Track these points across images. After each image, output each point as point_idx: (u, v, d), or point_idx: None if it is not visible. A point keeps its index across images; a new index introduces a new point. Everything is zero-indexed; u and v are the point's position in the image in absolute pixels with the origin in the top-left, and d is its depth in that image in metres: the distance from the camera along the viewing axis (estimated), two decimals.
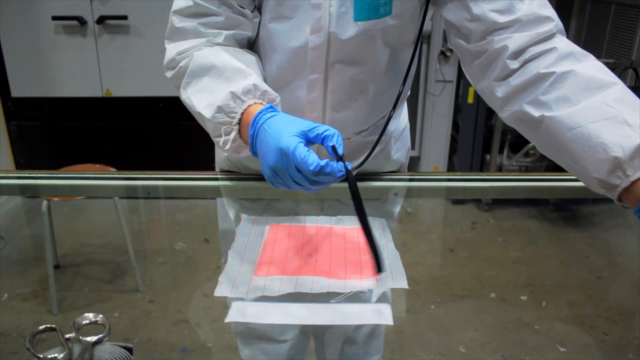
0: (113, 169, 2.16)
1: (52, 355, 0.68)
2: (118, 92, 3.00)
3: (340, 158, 0.72)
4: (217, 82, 0.84)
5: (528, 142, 3.09)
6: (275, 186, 0.76)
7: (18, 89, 2.98)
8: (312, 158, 0.69)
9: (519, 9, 0.81)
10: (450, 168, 3.26)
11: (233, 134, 0.81)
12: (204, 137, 0.92)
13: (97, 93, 3.00)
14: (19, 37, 2.88)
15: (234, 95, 0.80)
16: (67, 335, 0.71)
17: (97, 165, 2.37)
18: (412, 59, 0.96)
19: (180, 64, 0.89)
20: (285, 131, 0.72)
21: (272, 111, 0.77)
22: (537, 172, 2.91)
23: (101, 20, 2.84)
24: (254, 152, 0.78)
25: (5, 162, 3.07)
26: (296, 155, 0.69)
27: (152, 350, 2.01)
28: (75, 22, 2.85)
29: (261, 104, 0.80)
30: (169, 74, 0.92)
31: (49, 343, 0.72)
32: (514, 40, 0.80)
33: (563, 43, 0.80)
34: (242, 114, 0.80)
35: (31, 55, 2.92)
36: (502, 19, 0.81)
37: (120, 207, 2.22)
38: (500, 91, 0.83)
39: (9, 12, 2.83)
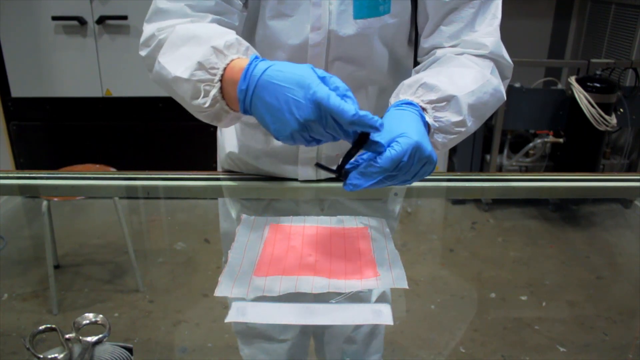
0: (113, 169, 2.16)
1: (52, 356, 0.68)
2: (118, 92, 3.00)
3: (338, 168, 0.71)
4: (197, 46, 0.76)
5: (528, 142, 3.09)
6: (294, 142, 0.69)
7: (18, 89, 2.98)
8: (348, 106, 0.64)
9: (465, 36, 0.90)
10: (450, 168, 3.25)
11: (214, 91, 0.73)
12: (204, 137, 0.92)
13: (97, 93, 3.00)
14: (19, 37, 2.88)
15: (215, 50, 0.73)
16: (67, 335, 0.71)
17: (97, 165, 2.37)
18: (415, 57, 0.97)
19: (160, 38, 0.82)
20: (306, 79, 0.65)
21: (262, 61, 0.70)
22: (537, 172, 2.92)
23: (101, 20, 2.84)
24: (247, 110, 0.71)
25: (5, 162, 3.07)
26: (332, 104, 0.63)
27: (152, 350, 2.01)
28: (75, 22, 2.85)
29: (244, 58, 0.73)
30: (144, 51, 0.85)
31: (49, 343, 0.72)
32: (447, 51, 0.91)
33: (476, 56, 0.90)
34: (225, 69, 0.73)
35: (31, 55, 2.92)
36: (447, 42, 0.91)
37: (120, 207, 2.22)
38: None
39: (9, 12, 2.82)
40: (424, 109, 0.80)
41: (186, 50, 0.77)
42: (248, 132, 1.05)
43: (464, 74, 0.84)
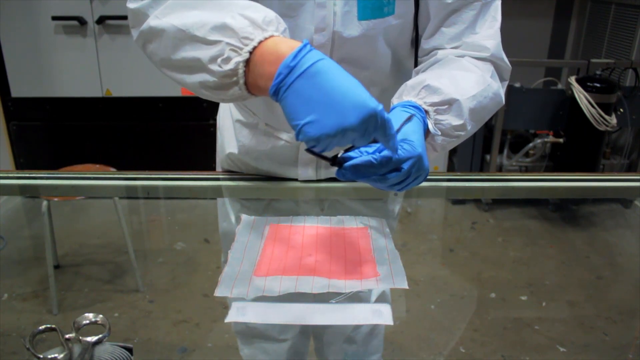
0: (113, 169, 2.16)
1: (52, 356, 0.68)
2: (118, 92, 3.00)
3: (333, 158, 0.70)
4: (219, 9, 0.68)
5: (528, 142, 3.10)
6: (317, 144, 0.62)
7: (18, 89, 2.98)
8: (391, 126, 0.64)
9: (466, 37, 0.90)
10: (450, 168, 3.26)
11: (239, 58, 0.65)
12: (204, 137, 0.92)
13: (97, 93, 3.00)
14: (19, 37, 2.88)
15: (252, 22, 0.65)
16: (67, 335, 0.71)
17: (97, 165, 2.37)
18: (416, 58, 0.97)
19: None
20: (361, 88, 0.61)
21: (315, 50, 0.63)
22: (537, 172, 2.92)
23: (101, 20, 2.84)
24: (278, 92, 0.63)
25: (5, 162, 3.07)
26: (386, 117, 0.61)
27: (152, 350, 2.01)
28: (75, 22, 2.85)
29: (286, 38, 0.67)
30: (134, 3, 0.75)
31: (49, 343, 0.72)
32: (448, 52, 0.91)
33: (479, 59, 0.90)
34: (261, 42, 0.65)
35: (31, 55, 2.92)
36: (448, 44, 0.91)
37: (120, 207, 2.22)
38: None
39: (9, 12, 2.82)
40: (426, 112, 0.81)
41: (205, 8, 0.69)
42: (248, 133, 1.05)
43: (466, 78, 0.85)
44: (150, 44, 0.75)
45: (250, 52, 0.65)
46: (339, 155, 0.70)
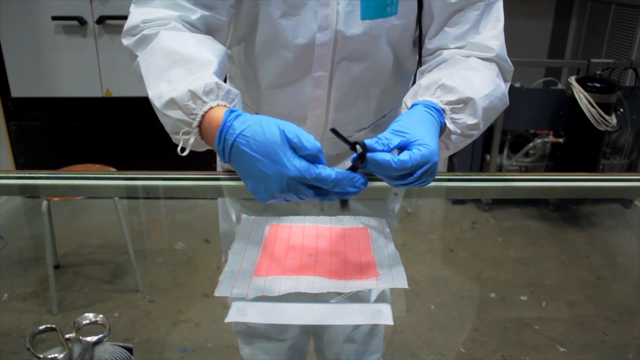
0: (113, 169, 2.16)
1: (52, 355, 0.68)
2: (118, 92, 3.00)
3: (354, 143, 0.69)
4: (175, 69, 0.77)
5: (528, 142, 3.10)
6: (271, 203, 0.71)
7: (18, 89, 2.98)
8: (327, 172, 0.66)
9: (470, 37, 0.90)
10: (450, 168, 3.26)
11: (193, 137, 0.76)
12: None
13: (97, 93, 3.00)
14: (19, 37, 2.88)
15: (193, 95, 0.73)
16: (67, 335, 0.71)
17: (97, 165, 2.37)
18: (419, 58, 0.97)
19: (144, 32, 0.81)
20: (277, 153, 0.65)
21: (235, 119, 0.69)
22: (537, 172, 2.92)
23: (101, 20, 2.84)
24: (226, 161, 0.72)
25: (5, 162, 3.07)
26: (310, 177, 0.65)
27: (152, 350, 2.01)
28: (75, 22, 2.85)
29: (224, 106, 0.74)
30: (127, 40, 0.84)
31: (49, 343, 0.72)
32: (454, 52, 0.92)
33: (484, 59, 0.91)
34: (203, 116, 0.74)
35: (31, 55, 2.92)
36: (453, 44, 0.91)
37: (120, 207, 2.22)
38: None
39: (9, 12, 2.82)
40: (442, 110, 0.80)
41: (164, 69, 0.77)
42: None
43: (477, 77, 0.85)
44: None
45: (199, 126, 0.74)
46: (360, 142, 0.69)
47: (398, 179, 0.71)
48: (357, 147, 0.69)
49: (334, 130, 0.69)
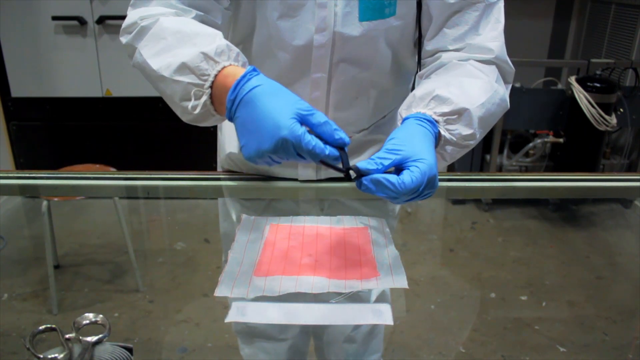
0: (113, 169, 2.16)
1: (52, 355, 0.68)
2: (118, 92, 3.00)
3: (346, 169, 0.69)
4: (181, 45, 0.76)
5: (528, 142, 3.10)
6: (254, 163, 0.71)
7: (18, 89, 2.98)
8: (319, 147, 0.66)
9: (469, 39, 0.89)
10: (450, 168, 3.25)
11: (204, 98, 0.74)
12: (204, 137, 0.92)
13: (97, 93, 3.00)
14: (19, 37, 2.88)
15: (205, 56, 0.74)
16: (67, 335, 0.71)
17: (97, 165, 2.37)
18: (419, 60, 0.97)
19: (142, 25, 0.81)
20: (282, 113, 0.66)
21: (256, 75, 0.71)
22: (537, 172, 2.92)
23: (101, 20, 2.84)
24: (231, 119, 0.72)
25: (5, 162, 3.07)
26: (302, 145, 0.65)
27: (152, 350, 2.01)
28: (75, 22, 2.85)
29: (237, 66, 0.75)
30: (125, 38, 0.83)
31: (49, 343, 0.72)
32: (452, 56, 0.91)
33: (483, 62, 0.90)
34: (216, 76, 0.73)
35: (31, 55, 2.92)
36: (451, 45, 0.90)
37: (120, 207, 2.22)
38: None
39: (9, 12, 2.82)
40: (436, 122, 0.80)
41: (170, 46, 0.77)
42: None
43: (473, 85, 0.84)
44: (145, 77, 0.84)
45: (211, 87, 0.74)
46: (352, 166, 0.70)
47: (403, 198, 0.71)
48: (351, 172, 0.69)
49: (322, 162, 0.69)
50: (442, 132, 0.80)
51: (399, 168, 0.72)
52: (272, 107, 0.67)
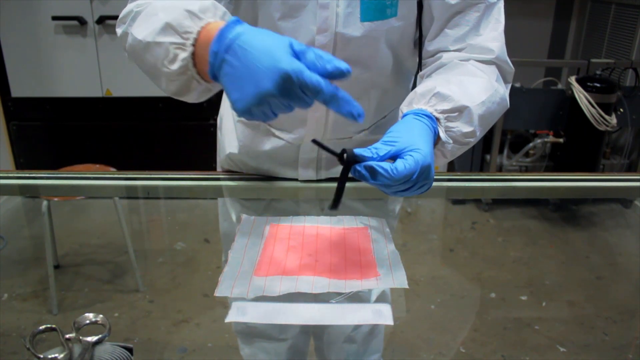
0: (113, 169, 2.16)
1: (52, 356, 0.68)
2: (118, 92, 3.00)
3: (341, 152, 0.66)
4: (169, 13, 0.71)
5: (528, 142, 3.10)
6: (251, 116, 0.64)
7: (18, 89, 2.98)
8: (323, 81, 0.60)
9: (470, 39, 0.89)
10: (450, 168, 3.25)
11: (184, 54, 0.68)
12: (204, 137, 0.92)
13: (97, 93, 3.00)
14: (19, 37, 2.88)
15: (189, 13, 0.68)
16: (67, 335, 0.71)
17: (97, 165, 2.37)
18: (419, 60, 0.97)
19: (136, 10, 0.77)
20: (278, 48, 0.60)
21: (241, 24, 0.65)
22: (537, 172, 2.92)
23: (101, 20, 2.84)
24: (216, 76, 0.66)
25: (5, 162, 3.07)
26: (306, 79, 0.59)
27: (152, 350, 2.01)
28: (75, 22, 2.85)
29: (222, 22, 0.68)
30: (120, 29, 0.80)
31: (49, 343, 0.72)
32: (453, 56, 0.91)
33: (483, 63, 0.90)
34: (199, 32, 0.68)
35: (31, 55, 2.92)
36: (452, 46, 0.90)
37: (120, 207, 2.22)
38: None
39: (9, 12, 2.82)
40: (437, 119, 0.80)
41: (159, 17, 0.72)
42: (248, 133, 1.05)
43: (474, 83, 0.85)
44: (135, 60, 0.79)
45: (194, 45, 0.68)
46: (347, 152, 0.69)
47: (396, 188, 0.71)
48: (345, 155, 0.68)
49: (315, 142, 0.67)
50: (441, 130, 0.80)
51: (395, 158, 0.72)
52: (265, 45, 0.61)
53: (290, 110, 0.64)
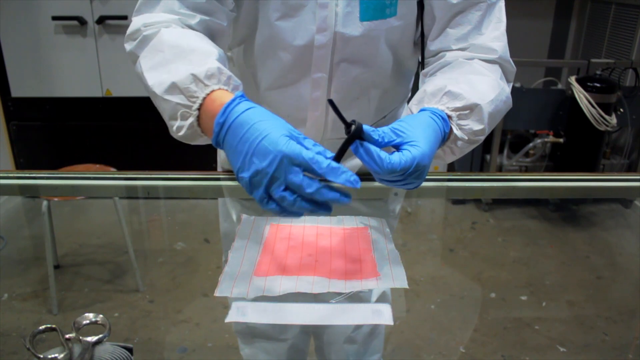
0: (113, 169, 2.16)
1: (52, 356, 0.68)
2: (118, 92, 3.00)
3: (351, 121, 0.67)
4: (177, 61, 0.77)
5: (528, 142, 3.09)
6: (251, 190, 0.69)
7: (18, 89, 2.98)
8: (321, 158, 0.64)
9: (473, 39, 0.90)
10: (450, 168, 3.25)
11: (191, 119, 0.74)
12: None
13: (97, 93, 3.00)
14: (19, 37, 2.88)
15: (195, 78, 0.73)
16: (67, 335, 0.71)
17: (97, 165, 2.37)
18: (422, 60, 0.97)
19: (144, 33, 0.82)
20: (277, 130, 0.65)
21: (245, 100, 0.70)
22: (537, 172, 2.92)
23: (101, 20, 2.84)
24: (219, 144, 0.71)
25: (5, 162, 3.07)
26: (304, 156, 0.64)
27: (152, 350, 2.01)
28: (75, 22, 2.85)
29: (226, 90, 0.74)
30: (129, 45, 0.84)
31: (49, 343, 0.72)
32: (456, 55, 0.91)
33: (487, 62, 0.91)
34: (204, 99, 0.73)
35: (31, 55, 2.92)
36: (455, 45, 0.91)
37: (120, 207, 2.22)
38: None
39: (9, 12, 2.82)
40: (449, 117, 0.80)
41: (166, 61, 0.77)
42: None
43: (482, 82, 0.85)
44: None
45: (199, 109, 0.73)
46: (356, 125, 0.67)
47: (385, 177, 0.71)
48: (353, 127, 0.67)
49: (331, 102, 0.68)
50: (454, 127, 0.81)
51: (397, 149, 0.72)
52: (265, 126, 0.66)
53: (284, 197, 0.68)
